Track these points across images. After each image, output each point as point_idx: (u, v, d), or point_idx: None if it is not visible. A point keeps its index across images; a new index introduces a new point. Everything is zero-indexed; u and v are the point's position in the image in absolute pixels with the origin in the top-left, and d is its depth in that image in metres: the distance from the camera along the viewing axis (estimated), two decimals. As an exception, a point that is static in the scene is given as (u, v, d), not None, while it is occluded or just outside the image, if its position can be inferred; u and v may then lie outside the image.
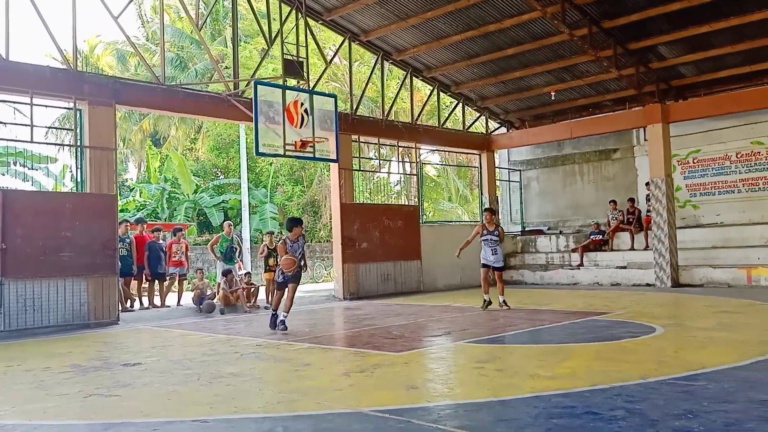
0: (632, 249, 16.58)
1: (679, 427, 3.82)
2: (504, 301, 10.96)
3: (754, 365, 5.62)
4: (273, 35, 13.75)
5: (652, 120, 15.30)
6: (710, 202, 16.59)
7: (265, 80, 13.39)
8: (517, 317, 9.98)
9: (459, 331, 8.67)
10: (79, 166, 11.37)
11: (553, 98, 17.52)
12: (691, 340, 7.31)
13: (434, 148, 21.98)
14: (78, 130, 11.29)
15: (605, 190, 18.58)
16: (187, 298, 13.51)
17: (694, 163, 16.86)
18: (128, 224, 13.17)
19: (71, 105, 11.26)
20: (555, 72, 16.45)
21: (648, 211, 16.00)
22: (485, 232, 11.09)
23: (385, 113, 16.88)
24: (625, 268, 16.21)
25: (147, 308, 12.80)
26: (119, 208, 13.37)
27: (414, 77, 17.61)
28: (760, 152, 15.78)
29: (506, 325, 9.11)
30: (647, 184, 15.83)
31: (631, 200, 17.16)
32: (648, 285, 15.22)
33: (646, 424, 3.92)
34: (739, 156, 16.11)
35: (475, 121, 19.54)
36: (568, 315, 10.02)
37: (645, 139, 16.60)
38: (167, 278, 13.38)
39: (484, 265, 11.15)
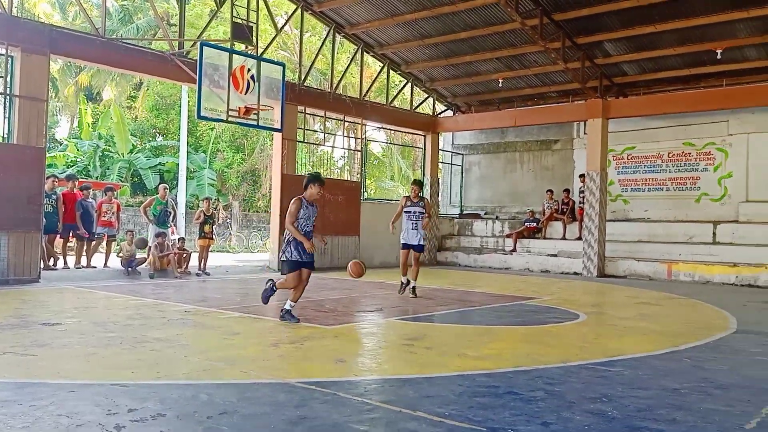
0: (564, 238, 17.09)
1: (593, 410, 3.97)
2: (414, 288, 9.83)
3: (668, 355, 5.90)
4: (223, -4, 13.31)
5: (593, 114, 15.71)
6: (640, 198, 17.23)
7: (212, 42, 12.98)
8: (449, 298, 10.14)
9: (391, 308, 8.75)
10: (8, 116, 10.78)
11: (500, 85, 17.72)
12: (612, 328, 7.62)
13: (380, 126, 21.93)
14: (9, 78, 10.70)
15: (543, 179, 19.02)
16: (115, 260, 13.10)
17: (628, 159, 17.45)
18: (56, 180, 12.62)
19: (3, 51, 10.65)
20: (504, 59, 16.62)
21: (581, 202, 16.49)
22: (409, 203, 9.90)
23: (334, 87, 16.68)
24: (555, 256, 16.70)
25: (70, 268, 12.35)
26: (47, 163, 12.76)
27: (365, 53, 17.45)
28: (690, 153, 16.46)
29: (438, 304, 9.24)
30: (582, 176, 16.28)
31: (567, 191, 17.64)
32: (575, 273, 15.74)
33: (563, 405, 4.07)
34: (670, 155, 16.77)
35: (423, 102, 19.59)
36: (498, 298, 10.26)
37: (585, 133, 17.04)
38: (95, 238, 12.94)
39: (405, 246, 9.94)
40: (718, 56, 14.00)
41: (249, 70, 12.66)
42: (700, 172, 16.29)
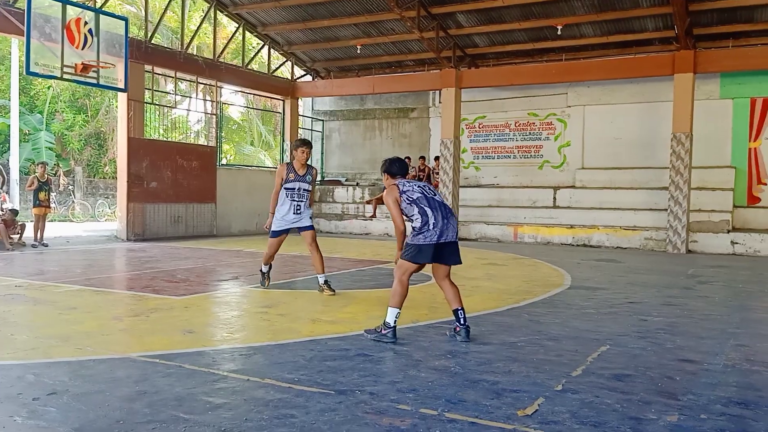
0: (420, 204, 17.61)
1: (438, 366, 4.14)
2: (327, 282, 7.25)
3: (509, 311, 6.30)
4: (54, -62, 12.02)
5: (447, 84, 16.20)
6: (490, 165, 18.16)
7: (42, -11, 11.72)
8: (308, 264, 10.10)
9: (248, 276, 8.56)
10: None
11: (359, 52, 17.71)
12: (460, 289, 7.96)
13: (237, 89, 21.17)
14: None
15: (401, 146, 19.42)
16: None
17: (479, 128, 18.27)
18: None
19: None
20: (362, 26, 16.60)
21: (436, 173, 17.10)
22: (293, 177, 6.95)
23: (185, 46, 15.80)
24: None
25: None
26: None
27: (218, 11, 16.67)
28: (534, 123, 17.55)
29: (296, 271, 9.19)
30: (437, 158, 16.87)
31: (422, 158, 18.16)
32: (431, 238, 16.33)
33: (410, 364, 4.20)
34: (517, 125, 17.78)
35: (281, 65, 19.14)
36: (356, 263, 10.40)
37: (440, 102, 17.56)
38: None
39: (283, 232, 7.13)
40: (558, 32, 14.93)
41: (86, 23, 11.63)
42: (543, 141, 17.45)
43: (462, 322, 4.97)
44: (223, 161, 21.64)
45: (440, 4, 14.93)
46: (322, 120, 20.93)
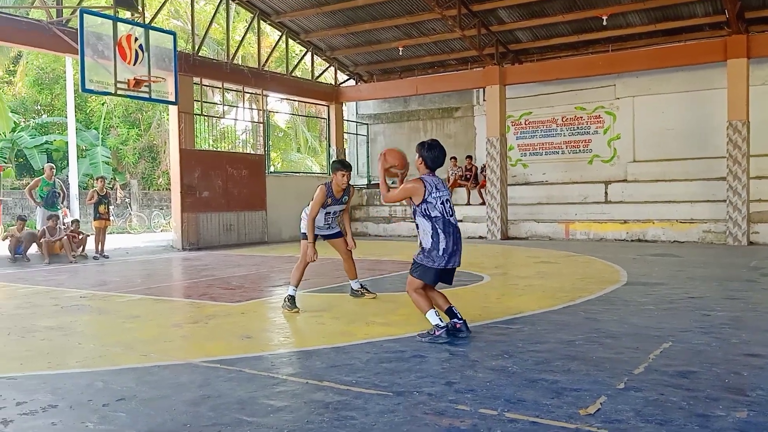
0: (468, 204, 17.52)
1: (495, 366, 4.11)
2: (363, 286, 7.36)
3: (564, 309, 6.20)
4: (104, -40, 12.49)
5: (491, 81, 16.06)
6: (538, 162, 17.91)
7: (93, 9, 12.16)
8: (359, 267, 10.15)
9: (301, 281, 8.64)
10: None
11: (401, 54, 17.75)
12: (513, 288, 7.91)
13: (282, 97, 21.49)
14: None
15: (447, 146, 18.89)
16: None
17: (525, 124, 18.04)
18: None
19: None
20: (403, 27, 16.63)
21: (483, 171, 16.96)
22: (330, 202, 6.48)
23: (231, 57, 16.14)
24: (461, 221, 17.03)
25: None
26: None
27: (262, 21, 16.95)
28: (582, 117, 17.23)
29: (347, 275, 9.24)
30: (468, 158, 16.73)
31: (469, 158, 18.04)
32: (481, 237, 16.22)
33: (467, 365, 4.18)
34: (564, 119, 17.48)
35: (324, 71, 19.34)
36: (407, 265, 10.34)
37: (484, 100, 17.43)
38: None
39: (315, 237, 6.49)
40: (604, 22, 14.63)
41: (136, 39, 11.99)
42: (592, 135, 17.11)
43: (459, 317, 4.96)
44: (272, 169, 22.00)
45: (481, 1, 14.83)
46: (367, 123, 21.03)
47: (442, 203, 4.89)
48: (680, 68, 15.17)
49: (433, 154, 5.02)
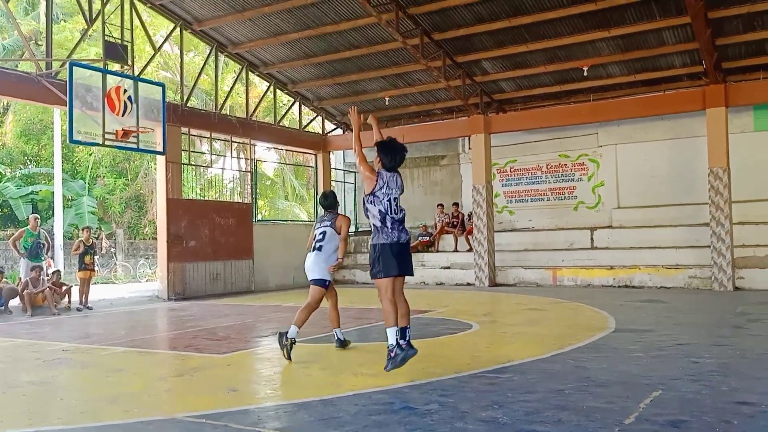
0: (456, 251, 17.56)
1: (485, 418, 4.06)
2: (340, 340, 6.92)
3: (553, 357, 6.17)
4: (95, 15, 12.71)
5: (476, 130, 16.32)
6: (524, 209, 18.06)
7: (83, 62, 12.31)
8: (346, 316, 10.03)
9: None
10: None
11: (387, 104, 18.03)
12: (502, 336, 7.88)
13: (269, 146, 21.66)
14: None
15: (433, 194, 19.49)
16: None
17: (511, 171, 18.26)
18: None
19: None
20: (389, 78, 16.95)
21: (470, 218, 17.07)
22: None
23: (219, 107, 16.33)
24: (448, 268, 17.12)
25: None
26: None
27: (250, 72, 17.22)
28: (566, 164, 17.48)
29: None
30: (455, 204, 16.86)
31: (456, 204, 18.17)
32: (468, 284, 16.20)
33: (457, 416, 4.13)
34: (548, 167, 17.73)
35: (312, 121, 19.57)
36: (394, 313, 10.32)
37: (469, 148, 17.66)
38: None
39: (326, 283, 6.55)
40: (585, 73, 15.00)
41: (126, 91, 12.11)
42: (576, 182, 17.33)
43: (407, 339, 5.28)
44: (259, 217, 21.99)
45: (465, 53, 15.18)
46: (354, 171, 21.17)
47: (389, 200, 5.39)
48: (662, 117, 15.52)
49: (388, 155, 5.54)
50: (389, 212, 5.35)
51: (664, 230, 15.43)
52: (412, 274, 5.52)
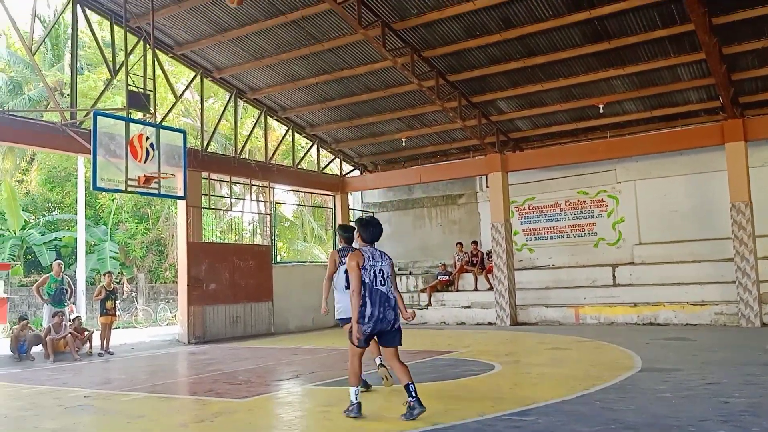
0: (476, 289, 17.42)
1: (511, 463, 3.97)
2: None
3: (579, 399, 6.04)
4: (118, 66, 13.10)
5: (493, 168, 16.36)
6: (544, 246, 17.93)
7: (107, 111, 12.63)
8: (366, 358, 9.99)
9: (308, 374, 8.51)
10: None
11: (404, 144, 18.20)
12: (526, 377, 7.74)
13: (288, 188, 21.88)
14: None
15: (452, 232, 19.46)
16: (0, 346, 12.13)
17: (529, 209, 18.21)
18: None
19: None
20: (406, 119, 17.14)
21: (489, 256, 16.98)
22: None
23: (238, 151, 16.58)
24: (469, 307, 16.96)
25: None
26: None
27: (269, 116, 17.52)
28: (585, 201, 17.40)
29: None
30: (474, 243, 16.82)
31: (475, 243, 18.10)
32: (490, 323, 16.01)
33: (482, 461, 4.04)
34: (567, 204, 17.65)
35: (330, 162, 19.77)
36: (414, 355, 10.21)
37: (487, 186, 17.68)
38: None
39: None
40: (601, 110, 15.05)
41: (148, 138, 12.36)
42: (596, 218, 17.21)
43: (414, 395, 5.29)
44: (278, 258, 22.08)
45: (480, 93, 15.34)
46: (372, 212, 21.26)
47: (374, 272, 5.47)
48: (681, 152, 15.42)
49: (367, 230, 5.68)
50: (373, 282, 5.51)
51: (687, 266, 15.20)
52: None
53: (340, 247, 7.10)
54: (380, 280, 5.49)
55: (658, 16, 12.03)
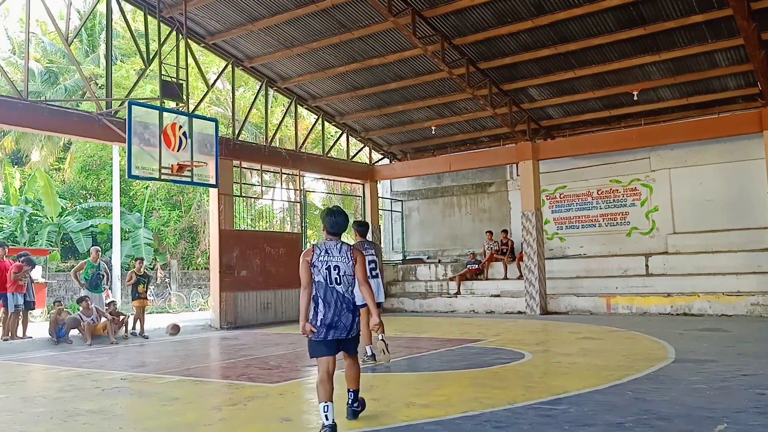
0: (505, 278, 17.34)
1: (542, 451, 3.97)
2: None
3: (611, 389, 6.00)
4: (152, 55, 13.28)
5: (524, 157, 16.21)
6: (575, 235, 17.74)
7: (141, 101, 12.83)
8: (395, 345, 10.03)
9: (338, 360, 8.57)
10: None
11: (433, 132, 18.13)
12: (556, 366, 7.70)
13: (318, 177, 21.98)
14: None
15: (481, 221, 19.38)
16: (39, 329, 12.48)
17: (560, 198, 18.02)
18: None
19: None
20: (435, 107, 17.06)
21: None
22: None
23: (269, 140, 16.70)
24: (498, 296, 16.90)
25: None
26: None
27: (299, 105, 17.61)
28: (617, 190, 17.14)
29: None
30: (504, 231, 16.72)
31: (505, 231, 17.99)
32: (519, 312, 15.93)
33: (512, 448, 4.05)
34: (599, 192, 17.42)
35: (359, 151, 19.80)
36: (445, 342, 10.25)
37: (517, 175, 17.53)
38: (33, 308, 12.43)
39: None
40: (635, 97, 14.79)
41: (181, 127, 12.53)
42: (629, 207, 16.96)
43: (352, 401, 5.12)
44: (308, 246, 22.22)
45: (511, 81, 15.18)
46: (401, 200, 21.27)
47: (327, 269, 4.68)
48: (716, 140, 15.09)
49: (330, 219, 4.92)
50: (327, 281, 4.71)
51: (723, 256, 14.90)
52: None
53: (355, 241, 7.46)
54: (335, 278, 4.69)
55: (695, 0, 11.75)
